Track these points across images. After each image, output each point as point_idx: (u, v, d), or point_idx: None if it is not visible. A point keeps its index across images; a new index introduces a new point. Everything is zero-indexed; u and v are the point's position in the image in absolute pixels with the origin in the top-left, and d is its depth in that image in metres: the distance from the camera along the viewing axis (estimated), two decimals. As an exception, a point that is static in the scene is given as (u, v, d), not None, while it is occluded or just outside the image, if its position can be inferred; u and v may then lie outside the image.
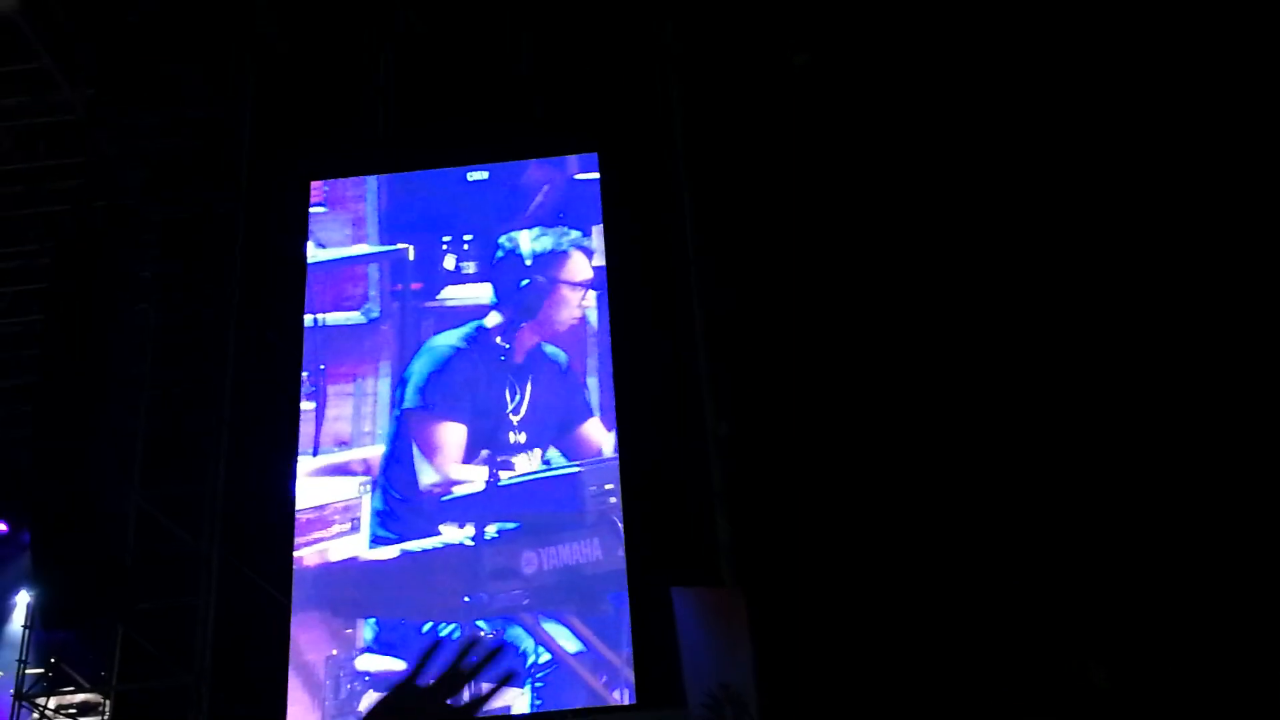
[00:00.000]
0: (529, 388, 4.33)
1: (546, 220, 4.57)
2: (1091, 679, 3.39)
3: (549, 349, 4.39)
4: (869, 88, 4.49)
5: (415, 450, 4.30)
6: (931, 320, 4.12)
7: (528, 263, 4.50)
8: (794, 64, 4.49)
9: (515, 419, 4.29)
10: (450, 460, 4.27)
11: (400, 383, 4.42)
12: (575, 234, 4.50)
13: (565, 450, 4.27)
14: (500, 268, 4.52)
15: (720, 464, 4.16)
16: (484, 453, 4.27)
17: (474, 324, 4.45)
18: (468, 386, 4.36)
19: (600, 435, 4.26)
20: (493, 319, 4.46)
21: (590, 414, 4.28)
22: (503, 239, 4.54)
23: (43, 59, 4.52)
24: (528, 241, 4.52)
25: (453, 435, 4.30)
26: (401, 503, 4.26)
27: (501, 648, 1.17)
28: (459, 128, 4.71)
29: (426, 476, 4.27)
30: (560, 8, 4.75)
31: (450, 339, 4.45)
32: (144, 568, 4.39)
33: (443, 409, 4.35)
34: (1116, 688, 3.38)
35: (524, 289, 4.46)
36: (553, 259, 4.49)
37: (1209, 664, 3.47)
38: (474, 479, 4.25)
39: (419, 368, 4.41)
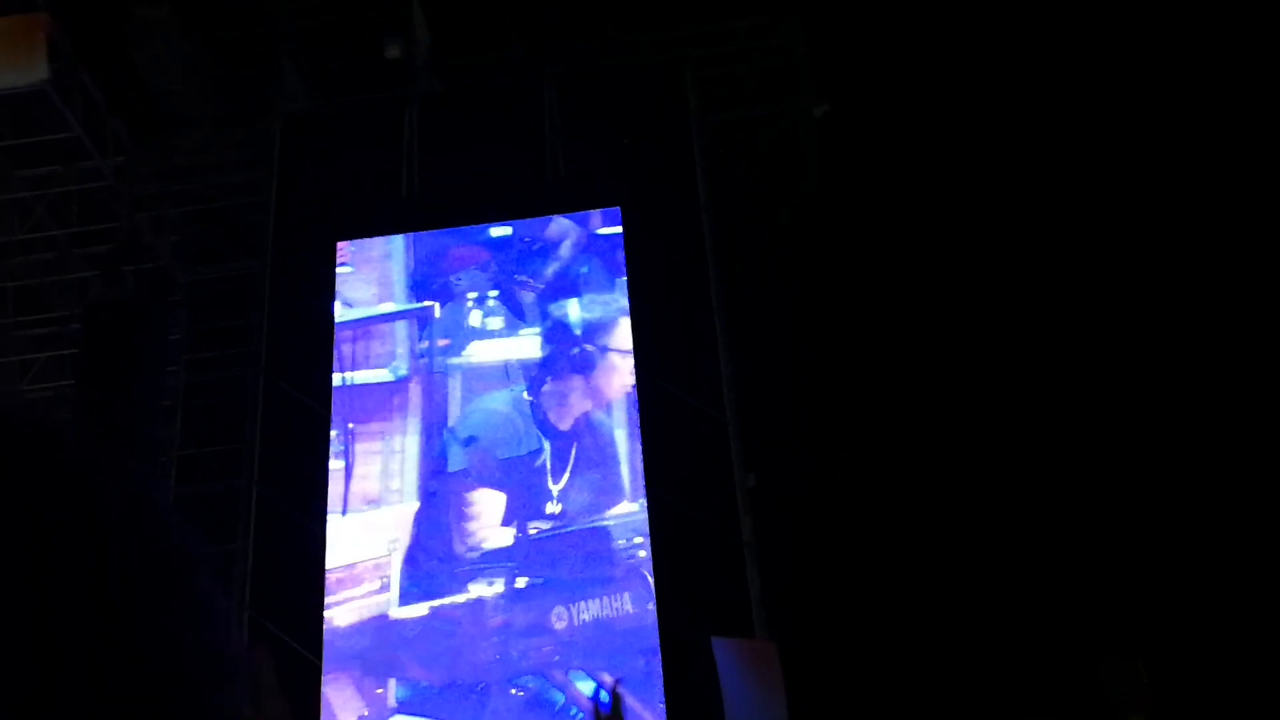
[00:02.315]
0: (573, 457, 4.33)
1: (570, 275, 4.60)
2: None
3: (597, 417, 4.38)
4: (888, 138, 4.53)
5: (451, 514, 4.32)
6: (957, 371, 4.12)
7: (577, 332, 4.51)
8: (813, 115, 4.53)
9: (555, 488, 4.28)
10: (486, 526, 4.28)
11: (444, 444, 4.44)
12: (624, 300, 4.50)
13: (598, 504, 4.26)
14: (552, 336, 4.53)
15: (749, 516, 4.14)
16: (515, 515, 4.27)
17: (521, 388, 4.46)
18: (511, 451, 4.37)
19: (630, 487, 4.25)
20: (544, 386, 4.46)
21: (620, 498, 4.26)
22: (552, 307, 4.56)
23: (73, 128, 4.61)
24: (577, 310, 4.54)
25: (492, 502, 4.31)
26: (433, 562, 4.26)
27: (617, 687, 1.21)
28: (482, 185, 4.76)
29: (460, 541, 4.27)
30: (580, 66, 4.81)
31: (497, 403, 4.47)
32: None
33: (485, 475, 4.36)
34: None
35: (574, 357, 4.47)
36: (603, 327, 4.50)
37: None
38: (503, 536, 4.25)
39: (464, 431, 4.43)
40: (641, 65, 4.79)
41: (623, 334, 4.47)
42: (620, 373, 4.42)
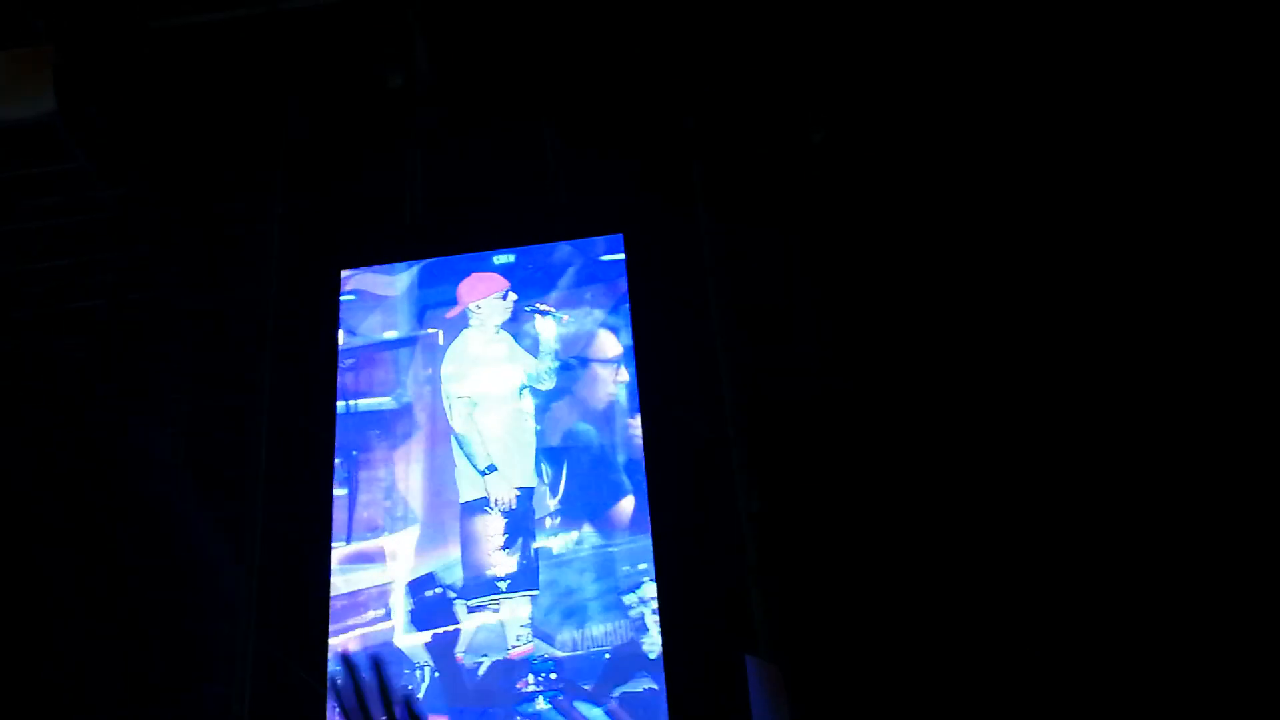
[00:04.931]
0: (565, 470, 4.36)
1: (574, 301, 4.63)
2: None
3: (582, 427, 4.41)
4: (886, 162, 4.56)
5: (456, 541, 4.33)
6: (967, 391, 4.14)
7: (556, 347, 4.55)
8: (811, 141, 4.57)
9: (552, 504, 4.31)
10: (490, 553, 4.29)
11: (451, 471, 4.46)
12: (599, 313, 4.55)
13: (599, 528, 4.27)
14: (531, 355, 4.57)
15: (753, 540, 4.15)
16: (519, 540, 4.29)
17: (526, 414, 4.49)
18: (521, 478, 4.39)
19: (632, 511, 4.26)
20: (527, 404, 4.50)
21: (625, 492, 4.28)
22: (527, 326, 4.60)
23: (78, 159, 4.64)
24: (553, 327, 4.58)
25: (495, 529, 4.33)
26: (436, 589, 4.27)
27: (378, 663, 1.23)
28: (485, 212, 4.80)
29: (465, 568, 4.29)
30: (580, 94, 4.85)
31: (504, 430, 4.49)
32: (180, 658, 4.39)
33: (491, 502, 4.39)
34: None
35: (555, 372, 4.51)
36: (580, 340, 4.54)
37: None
38: (508, 562, 4.26)
39: (482, 461, 4.45)
40: (642, 90, 4.82)
41: (601, 344, 4.50)
42: (605, 382, 4.45)
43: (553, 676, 4.08)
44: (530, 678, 4.09)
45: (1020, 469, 4.01)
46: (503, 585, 4.24)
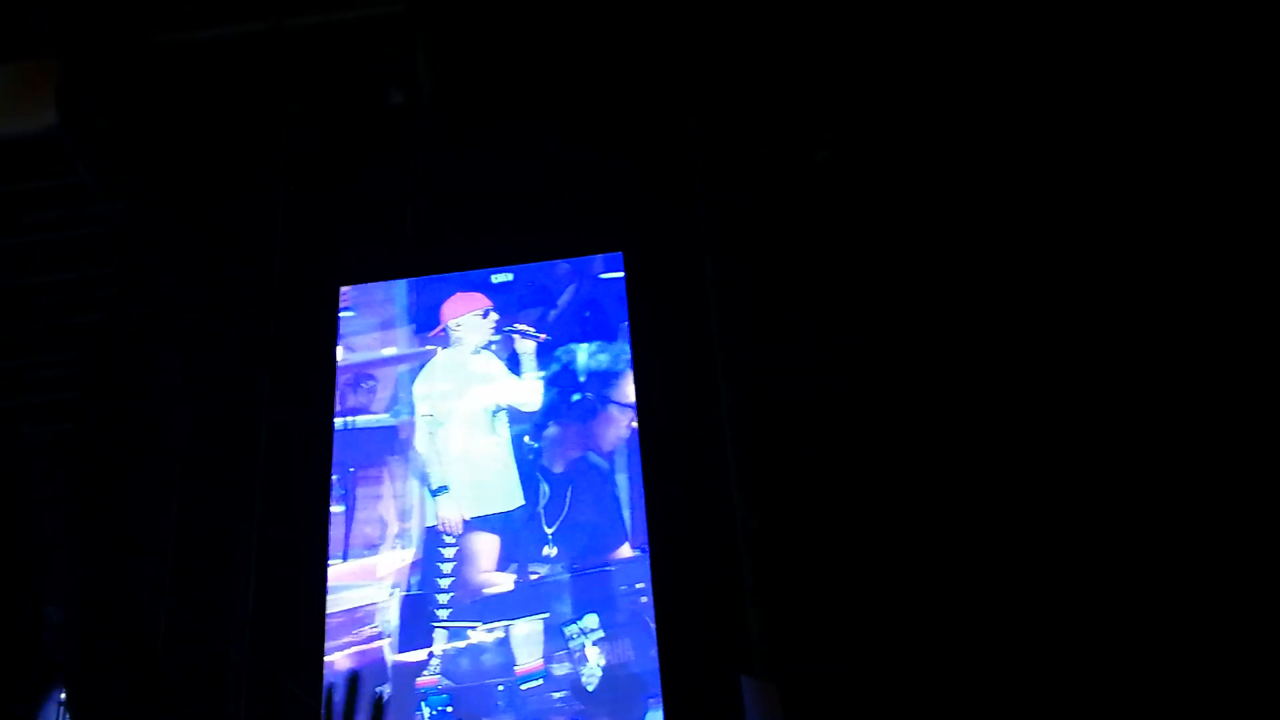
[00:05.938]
0: (568, 500, 4.35)
1: (571, 320, 4.62)
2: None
3: (593, 458, 4.40)
4: (889, 181, 4.55)
5: (452, 559, 4.32)
6: (957, 413, 4.12)
7: (581, 379, 4.54)
8: (814, 160, 4.56)
9: (549, 531, 4.30)
10: (481, 572, 4.28)
11: (442, 489, 4.45)
12: (630, 352, 4.52)
13: (592, 566, 4.26)
14: (556, 380, 4.56)
15: (751, 559, 4.13)
16: (513, 565, 4.28)
17: (517, 430, 4.48)
18: (508, 496, 4.39)
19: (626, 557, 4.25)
20: (503, 425, 4.49)
21: (624, 539, 4.26)
22: (559, 351, 4.58)
23: (80, 173, 4.65)
24: (584, 357, 4.57)
25: (486, 547, 4.32)
26: (433, 607, 4.26)
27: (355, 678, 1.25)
28: (484, 231, 4.80)
29: (461, 587, 4.28)
30: (580, 110, 4.85)
31: (495, 448, 4.48)
32: (175, 673, 4.38)
33: (478, 521, 4.38)
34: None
35: (574, 404, 4.49)
36: (605, 378, 4.52)
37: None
38: (503, 582, 4.26)
39: (457, 476, 4.44)
40: (644, 110, 4.82)
41: (626, 387, 4.48)
42: (618, 425, 4.43)
43: (448, 710, 4.08)
44: (425, 710, 4.09)
45: (1024, 475, 3.99)
46: (496, 602, 4.24)
